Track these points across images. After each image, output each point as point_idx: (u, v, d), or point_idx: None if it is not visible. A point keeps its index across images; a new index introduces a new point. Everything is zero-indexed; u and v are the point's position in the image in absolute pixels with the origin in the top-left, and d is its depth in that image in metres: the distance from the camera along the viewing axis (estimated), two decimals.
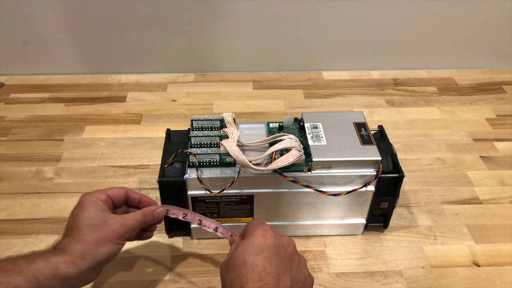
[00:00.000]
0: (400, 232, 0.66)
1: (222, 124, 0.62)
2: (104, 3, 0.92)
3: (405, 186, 0.74)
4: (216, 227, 0.53)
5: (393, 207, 0.63)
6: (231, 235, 0.51)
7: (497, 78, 1.04)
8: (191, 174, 0.56)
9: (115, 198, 0.51)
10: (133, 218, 0.50)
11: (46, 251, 0.45)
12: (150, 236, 0.55)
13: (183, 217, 0.54)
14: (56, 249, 0.45)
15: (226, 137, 0.58)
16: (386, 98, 0.97)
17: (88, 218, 0.47)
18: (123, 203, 0.53)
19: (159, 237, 0.65)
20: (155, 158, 0.79)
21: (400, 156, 0.79)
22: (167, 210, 0.53)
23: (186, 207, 0.60)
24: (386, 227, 0.66)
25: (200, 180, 0.56)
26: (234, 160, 0.55)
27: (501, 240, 0.65)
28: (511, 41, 1.03)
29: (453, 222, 0.68)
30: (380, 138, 0.65)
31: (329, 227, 0.64)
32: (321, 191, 0.57)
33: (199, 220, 0.54)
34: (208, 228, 0.54)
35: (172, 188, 0.57)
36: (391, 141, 0.64)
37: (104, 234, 0.47)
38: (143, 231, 0.53)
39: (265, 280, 0.40)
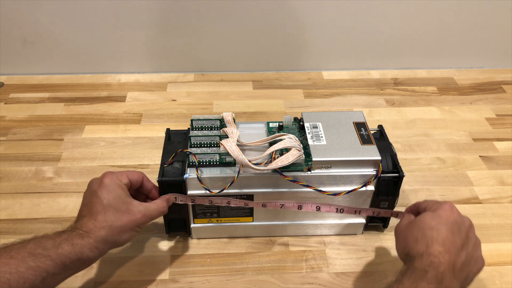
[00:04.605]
0: None
1: (222, 124, 0.62)
2: (103, 3, 0.92)
3: (405, 185, 0.74)
4: (228, 201, 0.57)
5: (393, 207, 0.63)
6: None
7: (497, 78, 1.04)
8: (191, 173, 0.56)
9: (134, 183, 0.54)
10: (154, 208, 0.52)
11: (71, 231, 0.47)
12: None
13: (192, 202, 0.57)
14: (80, 230, 0.47)
15: (226, 136, 0.58)
16: (386, 97, 0.97)
17: (113, 202, 0.49)
18: (136, 188, 0.55)
19: (159, 237, 0.65)
20: (154, 157, 0.79)
21: (400, 156, 0.79)
22: (175, 198, 0.56)
23: (186, 206, 0.60)
24: (386, 227, 0.66)
25: (200, 179, 0.56)
26: (234, 159, 0.55)
27: (501, 239, 0.65)
28: (511, 41, 1.03)
29: None
30: (380, 138, 0.65)
31: (329, 227, 0.64)
32: (321, 191, 0.57)
33: (209, 201, 0.57)
34: (221, 203, 0.57)
35: (172, 188, 0.57)
36: (391, 140, 0.64)
37: (127, 221, 0.49)
38: None
39: (447, 246, 0.45)
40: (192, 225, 0.63)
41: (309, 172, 0.57)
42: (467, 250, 0.46)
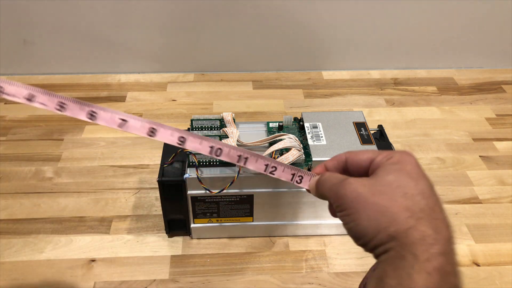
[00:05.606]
0: None
1: (222, 124, 0.62)
2: (103, 3, 0.92)
3: None
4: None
5: None
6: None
7: (497, 78, 1.04)
8: (191, 173, 0.56)
9: None
10: None
11: None
12: None
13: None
14: None
15: (226, 136, 0.58)
16: (386, 97, 0.97)
17: None
18: None
19: (159, 237, 0.65)
20: (154, 157, 0.79)
21: None
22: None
23: (186, 206, 0.60)
24: None
25: (200, 179, 0.56)
26: None
27: (501, 239, 0.65)
28: (511, 41, 1.03)
29: (452, 221, 0.67)
30: (380, 138, 0.65)
31: (329, 227, 0.64)
32: None
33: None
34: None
35: (172, 188, 0.57)
36: (391, 140, 0.64)
37: None
38: None
39: (445, 221, 0.30)
40: (192, 225, 0.63)
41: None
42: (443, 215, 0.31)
